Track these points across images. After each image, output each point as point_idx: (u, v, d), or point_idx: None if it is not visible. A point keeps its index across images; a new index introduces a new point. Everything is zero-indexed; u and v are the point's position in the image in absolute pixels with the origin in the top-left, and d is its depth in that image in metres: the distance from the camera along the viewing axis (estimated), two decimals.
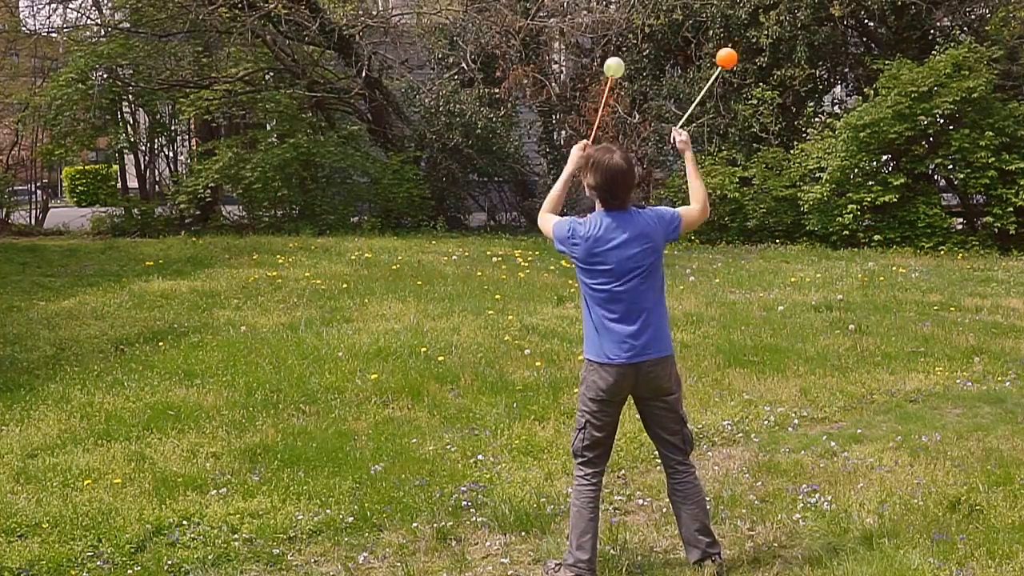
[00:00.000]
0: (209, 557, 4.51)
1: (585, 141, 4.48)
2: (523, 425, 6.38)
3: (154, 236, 16.80)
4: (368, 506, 5.04)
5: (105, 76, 18.07)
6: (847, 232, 15.29)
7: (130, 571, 4.39)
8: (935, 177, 16.50)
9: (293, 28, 18.02)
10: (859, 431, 6.30)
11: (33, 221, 19.88)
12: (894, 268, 12.92)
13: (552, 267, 13.00)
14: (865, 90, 16.13)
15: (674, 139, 4.59)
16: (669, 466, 4.39)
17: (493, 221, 20.12)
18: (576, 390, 5.62)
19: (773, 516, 4.92)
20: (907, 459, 5.72)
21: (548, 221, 4.41)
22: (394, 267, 12.70)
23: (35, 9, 20.72)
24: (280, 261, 13.15)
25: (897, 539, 4.55)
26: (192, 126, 20.37)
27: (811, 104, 17.69)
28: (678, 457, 4.37)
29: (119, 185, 20.83)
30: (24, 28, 21.32)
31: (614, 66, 4.88)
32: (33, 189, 21.44)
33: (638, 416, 4.44)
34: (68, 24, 20.09)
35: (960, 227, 16.17)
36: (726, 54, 4.87)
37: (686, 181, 4.61)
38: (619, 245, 4.17)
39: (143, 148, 19.67)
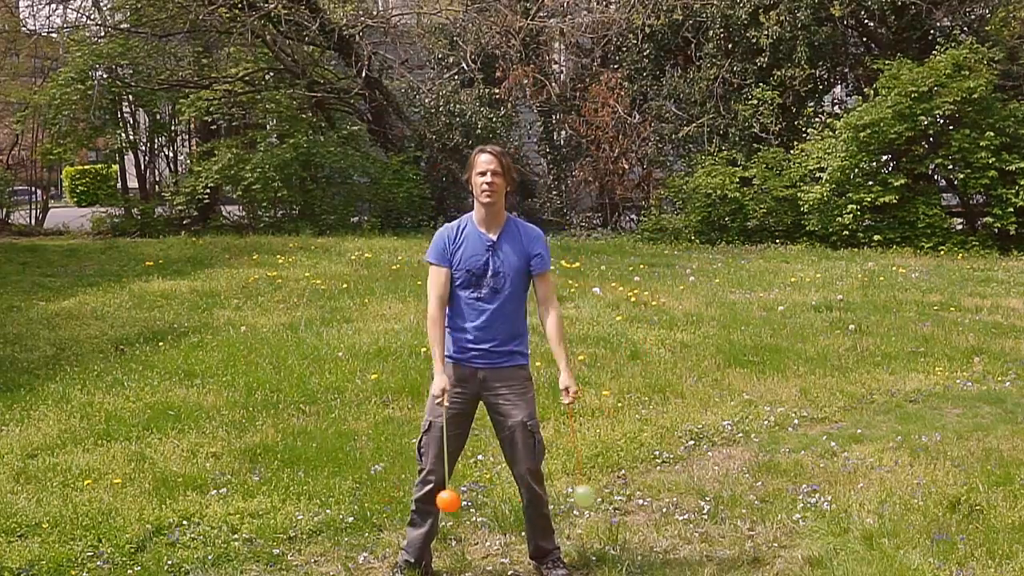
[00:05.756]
0: (209, 557, 4.51)
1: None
2: None
3: (154, 236, 16.81)
4: (368, 506, 5.04)
5: (105, 76, 18.08)
6: (847, 232, 15.28)
7: (130, 571, 4.39)
8: (935, 177, 16.50)
9: (293, 28, 18.02)
10: (859, 431, 6.29)
11: (33, 221, 19.89)
12: (894, 268, 12.91)
13: (551, 267, 12.96)
14: (865, 90, 16.14)
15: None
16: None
17: None
18: None
19: (773, 516, 4.92)
20: (907, 459, 5.71)
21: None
22: (394, 267, 12.70)
23: (35, 9, 20.76)
24: (280, 261, 13.15)
25: (897, 539, 4.55)
26: (192, 126, 20.37)
27: (811, 104, 17.70)
28: None
29: (119, 185, 20.84)
30: (24, 28, 21.36)
31: (581, 495, 4.35)
32: (33, 189, 21.46)
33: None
34: (68, 24, 20.10)
35: (960, 227, 16.18)
36: (448, 498, 4.03)
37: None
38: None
39: (143, 148, 19.68)
